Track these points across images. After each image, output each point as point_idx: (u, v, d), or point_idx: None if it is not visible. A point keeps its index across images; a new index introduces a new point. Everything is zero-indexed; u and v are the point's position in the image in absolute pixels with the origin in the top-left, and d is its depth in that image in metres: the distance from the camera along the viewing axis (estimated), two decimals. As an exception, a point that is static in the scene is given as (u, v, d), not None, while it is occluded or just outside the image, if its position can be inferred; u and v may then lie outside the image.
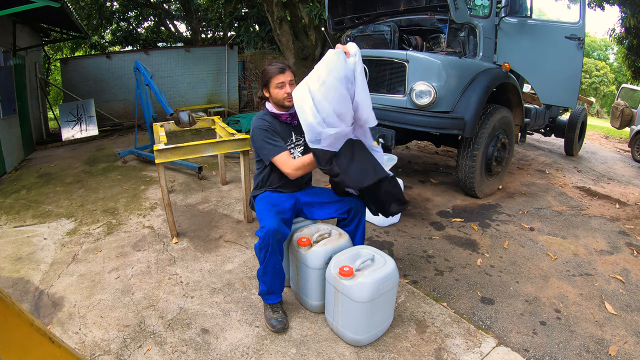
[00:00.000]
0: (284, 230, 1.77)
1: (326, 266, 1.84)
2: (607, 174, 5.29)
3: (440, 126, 3.20)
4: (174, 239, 2.84)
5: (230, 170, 4.51)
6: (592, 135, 9.92)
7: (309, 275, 1.91)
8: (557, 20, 3.87)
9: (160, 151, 2.68)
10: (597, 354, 1.79)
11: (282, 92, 1.91)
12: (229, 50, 9.36)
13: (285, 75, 1.90)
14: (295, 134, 2.03)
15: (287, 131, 2.02)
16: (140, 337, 1.86)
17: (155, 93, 4.26)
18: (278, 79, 1.89)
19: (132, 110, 7.50)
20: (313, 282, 1.92)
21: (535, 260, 2.64)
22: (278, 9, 6.17)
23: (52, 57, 11.35)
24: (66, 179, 4.52)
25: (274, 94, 1.93)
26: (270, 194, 2.04)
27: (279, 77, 1.89)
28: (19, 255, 2.72)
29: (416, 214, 3.36)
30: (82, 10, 10.19)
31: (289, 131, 2.02)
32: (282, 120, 1.99)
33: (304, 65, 6.39)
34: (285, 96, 1.90)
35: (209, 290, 2.23)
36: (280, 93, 1.91)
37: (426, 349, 1.79)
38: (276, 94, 1.92)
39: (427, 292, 2.25)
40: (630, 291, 2.31)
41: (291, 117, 1.99)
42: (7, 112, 5.18)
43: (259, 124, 1.95)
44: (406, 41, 3.80)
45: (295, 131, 2.03)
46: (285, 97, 1.91)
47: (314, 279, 1.91)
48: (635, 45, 9.70)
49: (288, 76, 1.91)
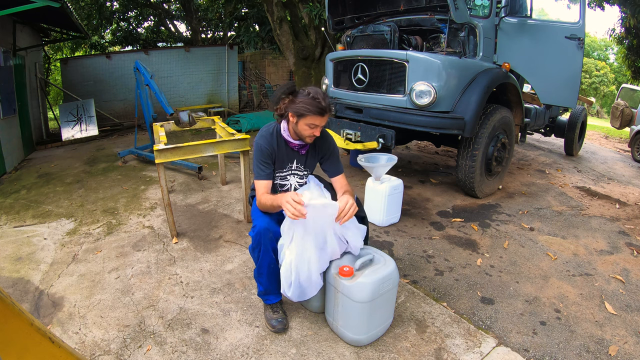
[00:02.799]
0: (275, 228, 1.77)
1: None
2: (607, 174, 5.29)
3: (440, 126, 3.20)
4: (174, 239, 2.84)
5: (230, 170, 4.51)
6: (592, 135, 9.92)
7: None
8: (557, 20, 3.87)
9: (160, 151, 2.68)
10: (597, 354, 1.79)
11: (310, 131, 1.77)
12: (229, 50, 9.36)
13: (324, 119, 1.75)
14: (297, 162, 1.95)
15: (291, 157, 1.94)
16: (140, 337, 1.86)
17: (155, 93, 4.26)
18: (314, 120, 1.73)
19: (132, 110, 7.51)
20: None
21: (535, 260, 2.64)
22: (278, 9, 6.17)
23: (52, 57, 11.35)
24: (66, 179, 4.52)
25: (301, 129, 1.77)
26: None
27: (315, 119, 1.73)
28: (19, 255, 2.72)
29: (416, 214, 3.36)
30: (82, 10, 10.19)
31: (292, 157, 1.94)
32: (291, 147, 1.91)
33: (304, 65, 6.39)
34: (311, 136, 1.79)
35: (209, 290, 2.23)
36: (307, 131, 1.77)
37: (426, 349, 1.78)
38: (304, 130, 1.77)
39: (427, 292, 2.25)
40: (630, 291, 2.31)
41: (300, 147, 1.91)
42: (7, 112, 5.18)
43: (263, 142, 1.85)
44: (406, 41, 3.80)
45: (299, 160, 1.95)
46: (310, 136, 1.79)
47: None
48: (635, 45, 9.70)
49: (324, 120, 1.76)
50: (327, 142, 1.99)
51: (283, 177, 1.97)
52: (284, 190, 1.99)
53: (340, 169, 1.99)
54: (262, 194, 1.83)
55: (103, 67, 8.28)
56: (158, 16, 12.76)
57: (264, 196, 1.81)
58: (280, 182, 1.98)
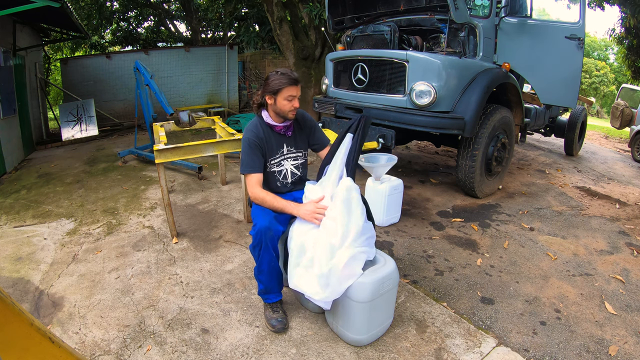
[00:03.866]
0: (276, 227, 1.77)
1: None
2: (607, 174, 5.29)
3: (440, 126, 3.20)
4: (174, 239, 2.84)
5: (230, 170, 4.51)
6: (592, 135, 9.92)
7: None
8: (557, 20, 3.87)
9: (160, 151, 2.68)
10: (597, 354, 1.79)
11: (289, 104, 1.84)
12: (229, 50, 9.36)
13: (297, 88, 1.84)
14: (287, 145, 1.99)
15: (280, 142, 1.98)
16: (140, 337, 1.86)
17: (155, 93, 4.27)
18: (290, 91, 1.81)
19: (132, 110, 7.51)
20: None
21: (535, 260, 2.64)
22: (278, 9, 6.16)
23: (52, 57, 11.35)
24: (66, 179, 4.52)
25: (281, 105, 1.84)
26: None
27: (291, 90, 1.81)
28: (19, 255, 2.72)
29: (416, 214, 3.36)
30: (82, 10, 10.18)
31: (281, 142, 1.98)
32: (276, 131, 1.95)
33: (304, 65, 6.38)
34: (292, 109, 1.86)
35: (209, 290, 2.23)
36: (287, 105, 1.84)
37: (426, 349, 1.78)
38: (283, 105, 1.84)
39: (427, 292, 2.25)
40: (630, 291, 2.31)
41: (286, 128, 1.95)
42: (7, 112, 5.18)
43: (249, 135, 1.89)
44: (406, 41, 3.80)
45: (288, 143, 1.99)
46: (291, 109, 1.86)
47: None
48: (635, 45, 9.70)
49: (299, 90, 1.85)
50: (305, 117, 2.07)
51: (278, 163, 1.99)
52: (281, 176, 2.02)
53: (326, 140, 2.11)
54: (258, 188, 1.86)
55: (103, 67, 8.28)
56: (158, 16, 12.75)
57: (268, 195, 1.83)
58: (276, 170, 1.99)
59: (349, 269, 1.65)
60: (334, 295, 1.66)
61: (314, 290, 1.68)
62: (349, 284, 1.66)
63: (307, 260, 1.72)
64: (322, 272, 1.66)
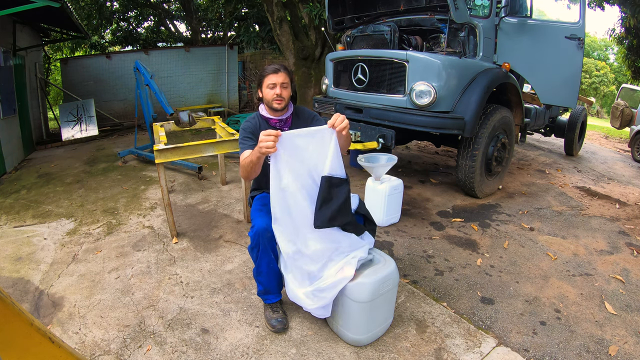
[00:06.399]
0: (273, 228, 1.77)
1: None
2: (607, 174, 5.29)
3: (440, 126, 3.20)
4: (174, 239, 2.84)
5: (230, 170, 4.51)
6: (592, 135, 9.92)
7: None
8: (557, 20, 3.87)
9: (160, 151, 2.68)
10: (597, 354, 1.79)
11: (272, 92, 1.84)
12: (229, 50, 9.36)
13: (278, 76, 1.84)
14: None
15: None
16: (140, 337, 1.86)
17: (155, 93, 4.26)
18: (270, 79, 1.84)
19: (132, 110, 7.50)
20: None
21: (535, 260, 2.64)
22: (278, 9, 6.16)
23: (52, 57, 11.34)
24: (66, 179, 4.52)
25: (265, 94, 1.87)
26: (267, 195, 2.03)
27: (270, 77, 1.84)
28: (19, 255, 2.72)
29: (416, 214, 3.36)
30: (82, 10, 10.18)
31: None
32: (271, 125, 1.94)
33: (304, 65, 6.39)
34: (275, 97, 1.84)
35: (209, 290, 2.23)
36: (269, 94, 1.85)
37: (426, 349, 1.78)
38: (267, 94, 1.86)
39: (427, 292, 2.25)
40: (630, 291, 2.31)
41: (281, 122, 1.94)
42: (7, 112, 5.18)
43: (245, 125, 1.94)
44: (406, 41, 3.80)
45: None
46: (274, 98, 1.85)
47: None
48: (635, 45, 9.69)
49: (280, 77, 1.84)
50: (305, 110, 2.05)
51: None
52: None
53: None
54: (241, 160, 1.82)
55: (103, 67, 8.28)
56: (158, 16, 12.74)
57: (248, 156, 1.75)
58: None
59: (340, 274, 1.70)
60: (325, 301, 1.71)
61: (306, 302, 1.75)
62: (341, 287, 1.68)
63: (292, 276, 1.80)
64: (307, 291, 1.73)
